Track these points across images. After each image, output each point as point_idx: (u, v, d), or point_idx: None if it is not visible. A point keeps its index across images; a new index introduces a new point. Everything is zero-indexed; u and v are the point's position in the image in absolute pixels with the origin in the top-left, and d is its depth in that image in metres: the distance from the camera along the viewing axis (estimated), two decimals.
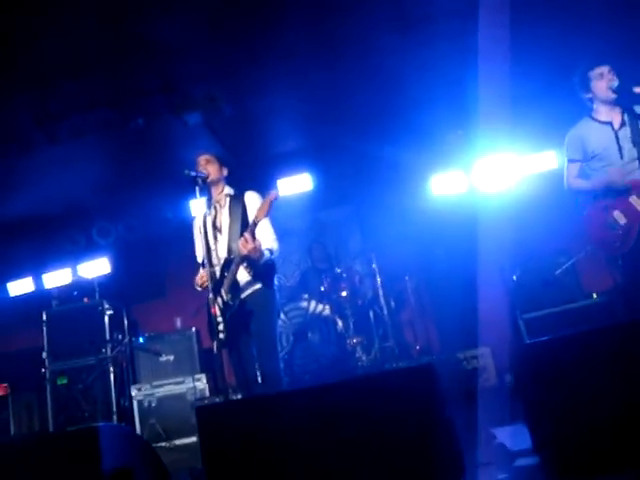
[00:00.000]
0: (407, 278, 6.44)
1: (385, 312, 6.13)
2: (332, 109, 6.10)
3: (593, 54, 4.02)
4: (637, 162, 3.67)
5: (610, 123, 3.78)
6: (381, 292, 6.18)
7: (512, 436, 3.36)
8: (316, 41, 5.07)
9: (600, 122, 3.82)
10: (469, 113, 5.72)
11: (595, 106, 3.86)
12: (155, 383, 5.83)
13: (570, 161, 3.91)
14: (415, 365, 4.86)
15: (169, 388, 5.79)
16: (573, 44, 5.08)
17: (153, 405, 5.74)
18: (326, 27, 4.90)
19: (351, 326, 5.97)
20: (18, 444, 2.48)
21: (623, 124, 3.76)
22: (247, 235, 3.56)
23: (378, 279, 6.21)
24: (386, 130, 6.43)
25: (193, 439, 5.24)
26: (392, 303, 6.26)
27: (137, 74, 5.03)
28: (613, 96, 3.73)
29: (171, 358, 5.97)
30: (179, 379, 5.83)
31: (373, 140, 6.52)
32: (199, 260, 4.03)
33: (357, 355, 5.84)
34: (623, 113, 3.78)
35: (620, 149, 3.72)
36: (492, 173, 6.51)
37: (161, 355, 5.96)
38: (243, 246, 3.56)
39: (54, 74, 4.69)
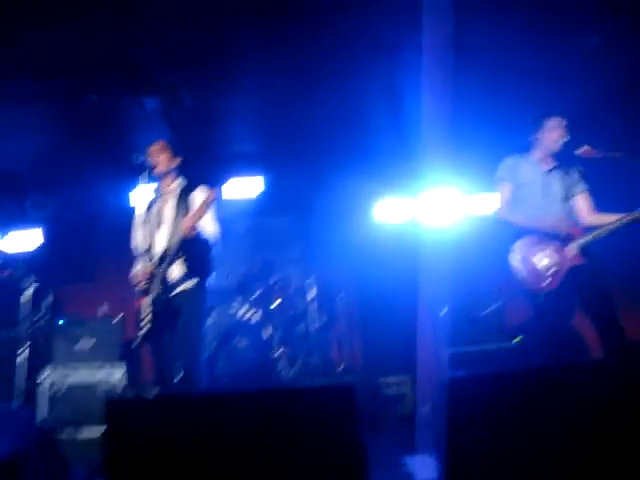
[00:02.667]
0: (341, 296, 6.48)
1: (314, 327, 6.14)
2: (291, 120, 6.12)
3: (545, 107, 4.20)
4: (559, 209, 3.85)
5: (541, 164, 3.98)
6: (313, 307, 6.19)
7: (420, 465, 3.41)
8: (285, 52, 5.10)
9: (532, 161, 4.01)
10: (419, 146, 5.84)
11: (533, 150, 4.04)
12: (69, 368, 5.60)
13: (502, 182, 4.01)
14: (335, 384, 4.87)
15: (83, 375, 5.58)
16: (523, 94, 5.30)
17: (63, 390, 5.51)
18: (295, 42, 4.94)
19: (278, 337, 5.94)
20: None
21: (553, 169, 3.97)
22: (191, 216, 3.55)
23: (312, 293, 6.22)
24: (340, 150, 6.49)
25: (101, 431, 5.06)
26: (322, 319, 6.27)
27: (99, 48, 4.88)
28: (557, 150, 3.90)
29: (90, 344, 5.76)
30: (95, 367, 5.62)
31: (326, 157, 6.57)
32: (137, 249, 3.94)
33: (280, 366, 5.81)
34: (556, 163, 3.98)
35: (543, 189, 3.90)
36: (436, 207, 6.64)
37: (79, 340, 5.74)
38: (184, 223, 3.53)
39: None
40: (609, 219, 3.76)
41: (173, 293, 3.67)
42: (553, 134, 3.90)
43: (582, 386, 2.10)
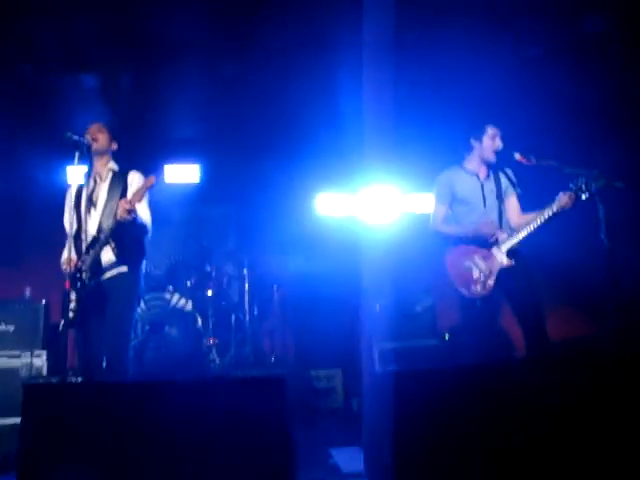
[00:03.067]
0: (275, 288, 6.46)
1: (247, 318, 6.10)
2: (233, 109, 6.05)
3: (485, 109, 4.31)
4: (496, 215, 3.97)
5: (477, 174, 4.07)
6: (247, 298, 6.15)
7: (347, 458, 3.45)
8: (225, 44, 5.05)
9: (468, 172, 4.10)
10: (361, 142, 5.88)
11: (469, 157, 4.12)
12: None
13: (438, 202, 4.11)
14: (266, 375, 4.86)
15: (2, 361, 5.31)
16: (464, 94, 5.41)
17: None
18: (240, 29, 4.89)
19: (210, 326, 5.86)
20: None
21: (487, 177, 4.08)
22: (129, 199, 3.43)
23: (246, 284, 6.17)
24: (281, 141, 6.46)
25: (18, 420, 4.83)
26: (256, 310, 6.24)
27: (36, 21, 4.66)
28: (493, 159, 4.01)
29: (11, 329, 5.49)
30: (15, 352, 5.35)
31: (267, 147, 6.53)
32: (67, 231, 3.80)
33: (211, 356, 5.74)
34: (489, 169, 4.09)
35: (484, 198, 4.01)
36: (376, 203, 6.71)
37: (0, 323, 5.47)
38: (121, 205, 3.42)
39: None
40: (533, 217, 3.90)
41: (103, 278, 3.56)
42: (492, 142, 4.00)
43: (509, 382, 2.17)
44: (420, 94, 5.52)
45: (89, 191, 3.73)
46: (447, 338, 5.62)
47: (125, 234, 3.56)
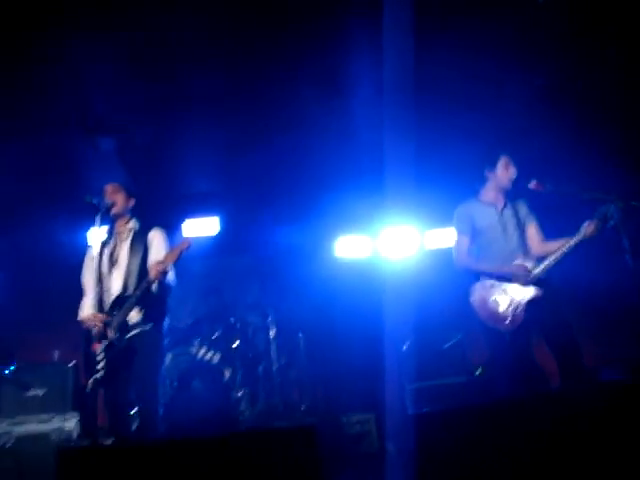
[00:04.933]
0: (301, 335, 6.41)
1: (274, 368, 6.04)
2: (248, 160, 6.13)
3: (499, 143, 4.32)
4: (517, 244, 3.94)
5: (494, 205, 4.06)
6: (273, 347, 6.10)
7: None
8: (241, 93, 5.16)
9: (485, 204, 4.09)
10: (381, 184, 5.91)
11: (484, 189, 4.12)
12: (17, 419, 5.30)
13: (460, 234, 4.09)
14: (297, 425, 4.78)
15: (33, 426, 5.27)
16: (480, 130, 5.45)
17: (10, 444, 5.20)
18: (256, 81, 5.00)
19: (238, 378, 5.81)
20: None
21: (505, 206, 4.06)
22: (162, 260, 3.48)
23: (272, 333, 6.14)
24: (298, 186, 6.53)
25: None
26: (283, 359, 6.18)
27: (52, 89, 4.83)
28: (509, 187, 4.00)
29: (40, 393, 5.50)
30: (46, 417, 5.34)
31: (284, 194, 6.60)
32: (85, 290, 3.85)
33: (241, 409, 5.67)
34: (506, 199, 4.08)
35: (503, 228, 3.98)
36: (396, 242, 6.71)
37: (29, 389, 5.47)
38: (155, 267, 3.46)
39: None
40: (557, 246, 3.85)
41: (128, 336, 3.57)
42: (507, 171, 4.00)
43: (543, 417, 2.11)
44: (436, 131, 5.57)
45: (110, 250, 3.79)
46: (479, 373, 5.51)
47: (150, 293, 3.59)
